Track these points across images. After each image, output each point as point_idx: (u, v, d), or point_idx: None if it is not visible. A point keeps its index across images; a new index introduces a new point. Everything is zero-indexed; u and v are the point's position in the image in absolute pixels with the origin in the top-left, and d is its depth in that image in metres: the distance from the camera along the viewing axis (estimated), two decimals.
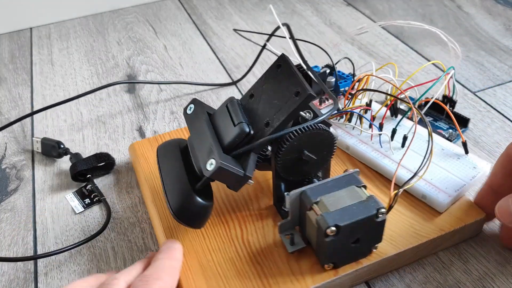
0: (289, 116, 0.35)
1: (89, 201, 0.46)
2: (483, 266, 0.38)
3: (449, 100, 0.50)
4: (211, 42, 0.72)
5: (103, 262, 0.41)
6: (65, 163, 0.52)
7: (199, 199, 0.36)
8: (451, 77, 0.47)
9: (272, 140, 0.35)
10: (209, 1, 0.85)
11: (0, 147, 0.55)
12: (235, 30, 0.72)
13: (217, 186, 0.44)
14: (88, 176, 0.48)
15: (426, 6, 0.77)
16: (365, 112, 0.48)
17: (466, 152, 0.43)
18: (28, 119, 0.59)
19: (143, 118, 0.58)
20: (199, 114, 0.38)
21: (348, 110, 0.46)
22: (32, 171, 0.51)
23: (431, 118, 0.51)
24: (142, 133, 0.55)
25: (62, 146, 0.51)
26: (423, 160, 0.38)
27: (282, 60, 0.38)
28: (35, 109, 0.61)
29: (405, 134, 0.44)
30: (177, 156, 0.38)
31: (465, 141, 0.43)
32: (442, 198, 0.39)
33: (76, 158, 0.50)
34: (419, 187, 0.41)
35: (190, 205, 0.35)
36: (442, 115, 0.51)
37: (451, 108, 0.50)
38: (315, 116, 0.36)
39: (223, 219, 0.41)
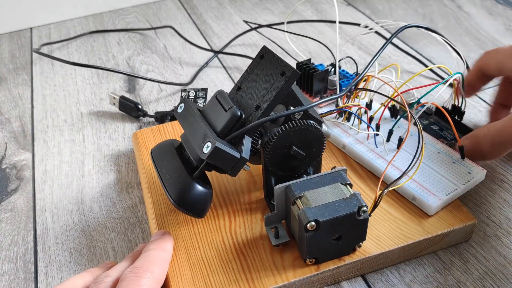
0: (277, 95, 0.35)
1: None
2: (483, 266, 0.38)
3: (457, 110, 0.49)
4: (211, 42, 0.72)
5: (103, 262, 0.41)
6: (64, 163, 0.52)
7: (198, 185, 0.36)
8: (458, 83, 0.45)
9: (264, 122, 0.36)
10: (209, 1, 0.85)
11: (0, 147, 0.55)
12: (245, 21, 0.73)
13: (210, 178, 0.44)
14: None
15: (426, 6, 0.77)
16: (365, 112, 0.48)
17: (463, 157, 0.43)
18: (28, 120, 0.59)
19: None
20: (190, 110, 0.38)
21: (341, 108, 0.46)
22: (32, 171, 0.51)
23: (438, 127, 0.49)
24: None
25: (140, 107, 0.56)
26: (412, 160, 0.37)
27: (265, 51, 0.38)
28: (35, 109, 0.61)
29: (400, 136, 0.44)
30: (172, 153, 0.39)
31: (462, 145, 0.42)
32: (431, 200, 0.39)
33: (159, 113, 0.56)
34: (410, 188, 0.40)
35: (189, 192, 0.36)
36: (450, 125, 0.49)
37: (459, 119, 0.49)
38: (305, 112, 0.37)
39: (213, 210, 0.42)
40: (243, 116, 0.36)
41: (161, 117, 0.55)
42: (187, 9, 0.83)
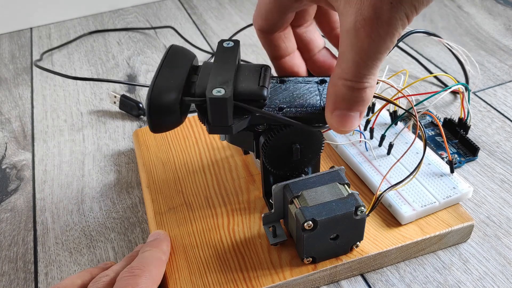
0: (305, 121, 0.34)
1: None
2: (483, 266, 0.38)
3: (462, 124, 0.48)
4: (211, 42, 0.72)
5: (103, 262, 0.41)
6: (65, 163, 0.52)
7: (178, 111, 0.33)
8: (463, 95, 0.44)
9: (276, 120, 0.34)
10: (209, 1, 0.85)
11: (0, 147, 0.55)
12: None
13: (209, 175, 0.44)
14: None
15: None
16: (366, 114, 0.48)
17: (452, 171, 0.42)
18: (28, 120, 0.59)
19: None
20: (233, 53, 0.36)
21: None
22: (32, 171, 0.51)
23: (441, 139, 0.49)
24: None
25: (141, 105, 0.57)
26: (417, 166, 0.37)
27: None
28: (35, 109, 0.61)
29: (390, 142, 0.44)
30: (186, 65, 0.35)
31: (452, 159, 0.41)
32: (404, 210, 0.38)
33: None
34: (388, 196, 0.40)
35: (168, 108, 0.32)
36: (455, 139, 0.49)
37: (464, 133, 0.48)
38: None
39: (212, 208, 0.42)
40: (266, 102, 0.34)
41: None
42: (187, 9, 0.83)
